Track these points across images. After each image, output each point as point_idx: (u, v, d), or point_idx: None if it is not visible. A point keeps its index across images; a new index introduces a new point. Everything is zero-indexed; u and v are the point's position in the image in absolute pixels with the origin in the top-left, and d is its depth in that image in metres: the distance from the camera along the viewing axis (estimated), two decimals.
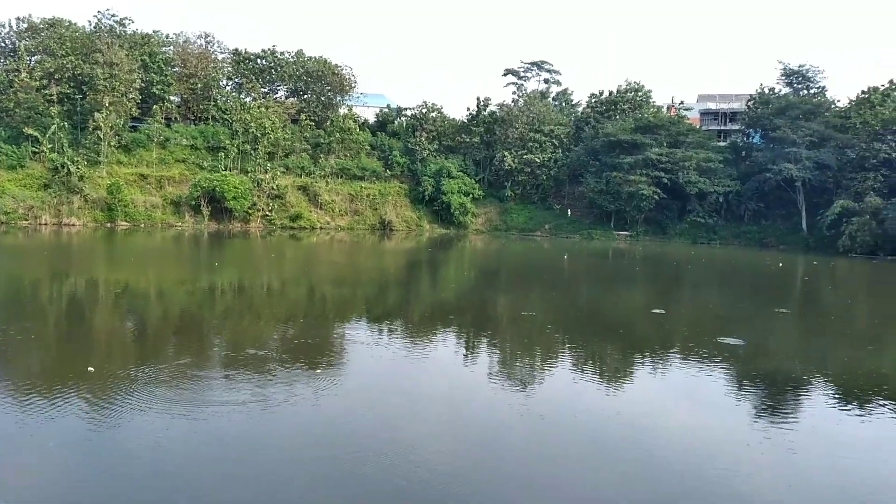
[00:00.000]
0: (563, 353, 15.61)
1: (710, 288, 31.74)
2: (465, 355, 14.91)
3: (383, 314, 20.23)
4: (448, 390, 11.79)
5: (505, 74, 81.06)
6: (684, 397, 12.05)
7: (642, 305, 23.92)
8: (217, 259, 36.75)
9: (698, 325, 19.93)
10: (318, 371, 12.19)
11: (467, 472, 8.03)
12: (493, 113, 74.83)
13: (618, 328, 19.25)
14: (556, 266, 40.54)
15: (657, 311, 21.88)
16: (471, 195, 69.49)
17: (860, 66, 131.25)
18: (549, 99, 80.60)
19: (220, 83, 70.90)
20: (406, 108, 79.24)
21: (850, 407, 11.69)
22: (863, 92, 65.10)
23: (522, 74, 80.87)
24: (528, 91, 79.76)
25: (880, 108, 61.33)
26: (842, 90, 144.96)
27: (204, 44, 71.08)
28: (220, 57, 71.82)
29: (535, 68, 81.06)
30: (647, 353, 15.56)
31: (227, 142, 63.49)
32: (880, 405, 11.71)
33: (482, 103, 75.14)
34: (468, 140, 73.12)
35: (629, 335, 18.10)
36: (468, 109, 76.59)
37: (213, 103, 68.29)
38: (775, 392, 12.52)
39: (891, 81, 64.92)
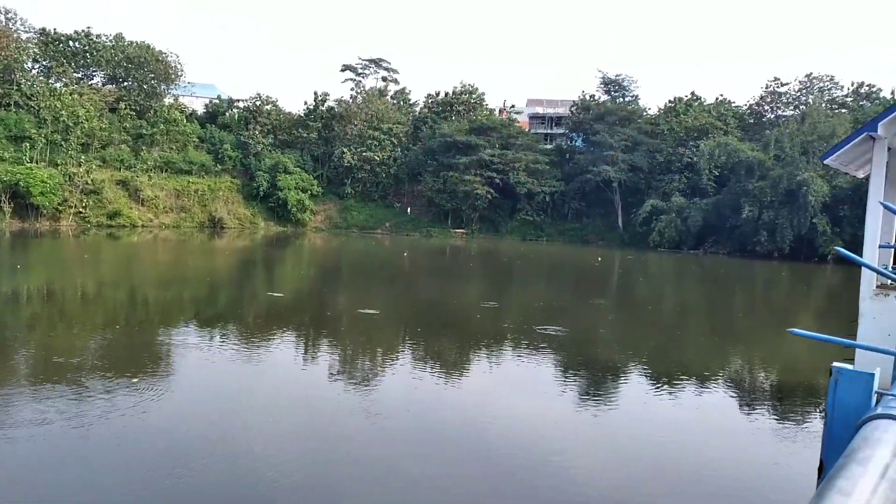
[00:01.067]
0: (399, 349, 15.75)
1: (537, 282, 33.59)
2: (302, 356, 14.57)
3: (213, 317, 19.23)
4: (284, 394, 11.44)
5: (343, 70, 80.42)
6: (515, 387, 12.62)
7: (476, 299, 24.78)
8: (20, 261, 32.98)
9: (526, 317, 20.98)
10: (137, 380, 11.32)
11: (310, 478, 7.83)
12: (331, 108, 73.98)
13: (453, 322, 19.78)
14: (395, 263, 40.88)
15: (489, 304, 22.75)
16: (309, 192, 68.21)
17: (667, 77, 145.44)
18: (388, 97, 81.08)
19: (25, 66, 63.64)
20: (238, 100, 76.16)
21: (660, 390, 12.87)
22: (669, 101, 72.20)
23: (360, 71, 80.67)
24: (367, 88, 79.71)
25: (684, 116, 68.38)
26: (652, 99, 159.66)
27: (4, 20, 63.47)
28: (24, 36, 64.49)
29: (373, 66, 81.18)
30: (481, 346, 16.12)
31: (33, 131, 57.25)
32: (686, 387, 13.01)
33: (320, 98, 74.04)
34: (305, 135, 71.69)
35: (463, 329, 18.66)
36: (305, 104, 75.20)
37: (15, 88, 61.12)
38: (595, 378, 13.49)
39: (692, 93, 72.59)
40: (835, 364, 1.29)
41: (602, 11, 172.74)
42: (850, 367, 1.26)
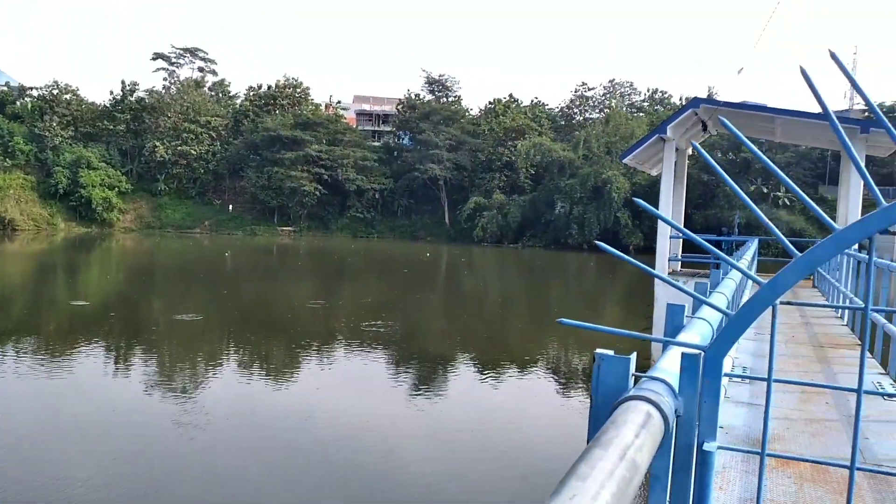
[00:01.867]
0: (221, 355, 15.04)
1: (367, 279, 33.66)
2: (112, 369, 13.41)
3: (3, 331, 17.12)
4: (93, 411, 10.44)
5: (154, 59, 74.91)
6: (342, 386, 12.55)
7: (303, 299, 24.31)
8: None
9: (355, 315, 20.96)
10: None
11: (125, 499, 7.21)
12: (141, 99, 68.77)
13: (278, 324, 19.24)
14: (217, 265, 38.94)
15: (317, 303, 22.43)
16: (116, 189, 62.93)
17: (487, 79, 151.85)
18: (205, 88, 76.92)
19: None
20: (32, 88, 68.32)
21: (485, 378, 13.43)
22: (489, 103, 75.41)
23: (174, 60, 75.68)
24: (182, 79, 75.03)
25: (503, 117, 71.78)
26: (473, 100, 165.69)
27: None
28: None
29: (189, 55, 76.54)
30: (307, 347, 15.84)
31: None
32: (507, 374, 13.70)
33: (128, 88, 68.51)
34: (112, 127, 66.01)
35: (289, 330, 18.22)
36: (112, 94, 69.17)
37: None
38: (424, 370, 13.79)
39: (510, 95, 76.39)
40: (597, 350, 1.40)
41: (423, 11, 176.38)
42: (610, 352, 1.38)
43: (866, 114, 57.97)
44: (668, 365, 1.42)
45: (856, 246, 12.49)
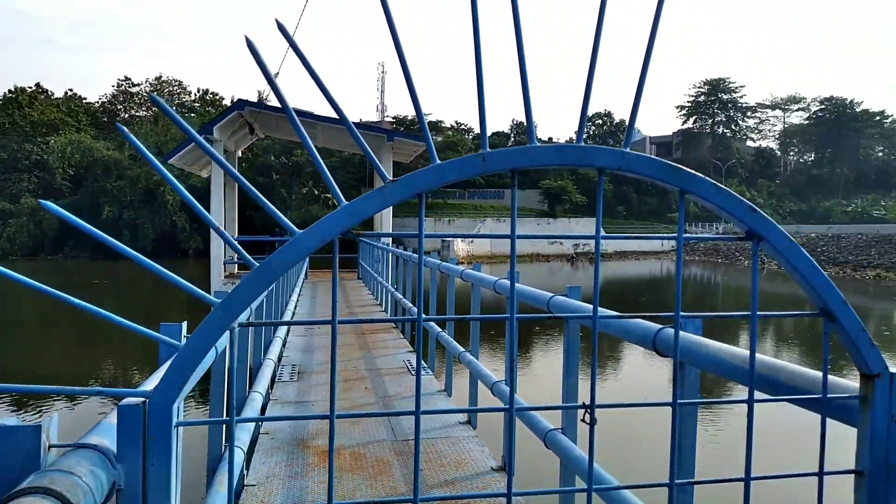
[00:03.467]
0: None
1: None
2: None
3: None
4: None
5: None
6: None
7: None
8: None
9: None
10: None
11: None
12: None
13: None
14: None
15: None
16: None
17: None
18: None
19: None
20: None
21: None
22: (10, 91, 64.10)
23: None
24: None
25: (29, 109, 61.76)
26: None
27: None
28: None
29: None
30: None
31: None
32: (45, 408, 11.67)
33: None
34: None
35: None
36: None
37: None
38: None
39: (38, 84, 66.23)
40: None
41: None
42: (13, 420, 1.04)
43: (394, 125, 67.08)
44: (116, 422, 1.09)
45: (390, 242, 14.09)
